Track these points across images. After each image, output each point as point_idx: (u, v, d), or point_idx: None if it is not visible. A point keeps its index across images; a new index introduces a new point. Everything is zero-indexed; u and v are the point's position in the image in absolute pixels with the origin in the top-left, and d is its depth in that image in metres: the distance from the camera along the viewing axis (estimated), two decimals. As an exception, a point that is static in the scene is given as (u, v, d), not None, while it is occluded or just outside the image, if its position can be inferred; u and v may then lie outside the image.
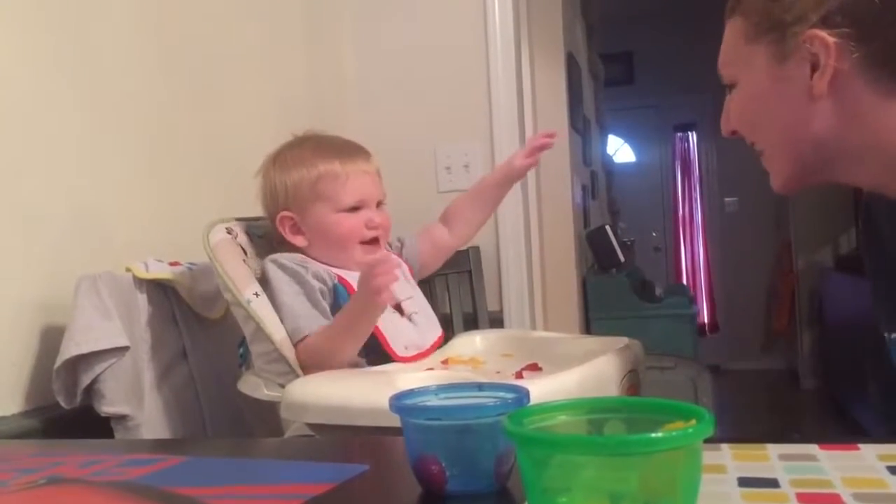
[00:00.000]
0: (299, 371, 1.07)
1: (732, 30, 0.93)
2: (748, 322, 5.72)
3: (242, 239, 1.19)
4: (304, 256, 1.16)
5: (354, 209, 1.15)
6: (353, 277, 1.13)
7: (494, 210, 1.36)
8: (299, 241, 1.17)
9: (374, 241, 1.17)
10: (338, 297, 1.13)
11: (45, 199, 1.17)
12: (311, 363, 1.06)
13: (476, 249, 2.00)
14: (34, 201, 1.15)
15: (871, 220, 1.01)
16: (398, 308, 1.17)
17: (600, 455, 0.42)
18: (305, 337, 1.08)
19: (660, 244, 6.16)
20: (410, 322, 1.17)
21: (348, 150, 1.19)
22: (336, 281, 1.14)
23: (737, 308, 5.79)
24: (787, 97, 0.88)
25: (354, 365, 1.09)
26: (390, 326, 1.12)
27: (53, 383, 1.07)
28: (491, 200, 1.30)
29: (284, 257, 1.14)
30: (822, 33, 0.82)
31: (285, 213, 1.16)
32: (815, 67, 0.84)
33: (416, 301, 1.20)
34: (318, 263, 1.15)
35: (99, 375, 1.08)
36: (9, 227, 1.10)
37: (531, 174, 2.31)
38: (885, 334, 0.95)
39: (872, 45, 0.82)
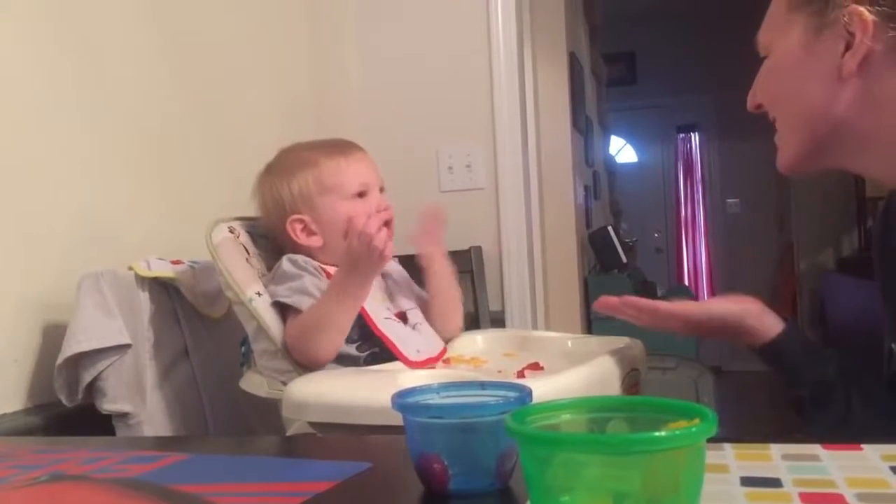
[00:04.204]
0: (301, 369, 1.07)
1: None
2: (750, 323, 5.70)
3: (244, 238, 1.19)
4: (318, 264, 1.14)
5: (361, 195, 1.15)
6: None
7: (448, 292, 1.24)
8: (314, 241, 1.15)
9: (387, 225, 1.16)
10: None
11: (48, 198, 1.17)
12: (297, 341, 1.05)
13: (478, 249, 2.00)
14: (37, 200, 1.15)
15: (890, 222, 0.96)
16: (402, 318, 1.16)
17: (603, 454, 0.42)
18: (298, 312, 1.07)
19: (662, 245, 6.16)
20: (415, 331, 1.16)
21: (342, 144, 1.20)
22: None
23: (739, 309, 5.76)
24: (815, 72, 0.85)
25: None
26: (397, 334, 1.11)
27: (55, 381, 1.07)
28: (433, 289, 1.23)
29: (300, 257, 1.13)
30: (864, 10, 0.80)
31: (294, 216, 1.15)
32: (848, 46, 0.82)
33: (417, 313, 1.20)
34: (325, 279, 1.13)
35: (101, 373, 1.08)
36: (12, 224, 1.10)
37: (534, 175, 2.31)
38: (892, 345, 0.93)
39: None
